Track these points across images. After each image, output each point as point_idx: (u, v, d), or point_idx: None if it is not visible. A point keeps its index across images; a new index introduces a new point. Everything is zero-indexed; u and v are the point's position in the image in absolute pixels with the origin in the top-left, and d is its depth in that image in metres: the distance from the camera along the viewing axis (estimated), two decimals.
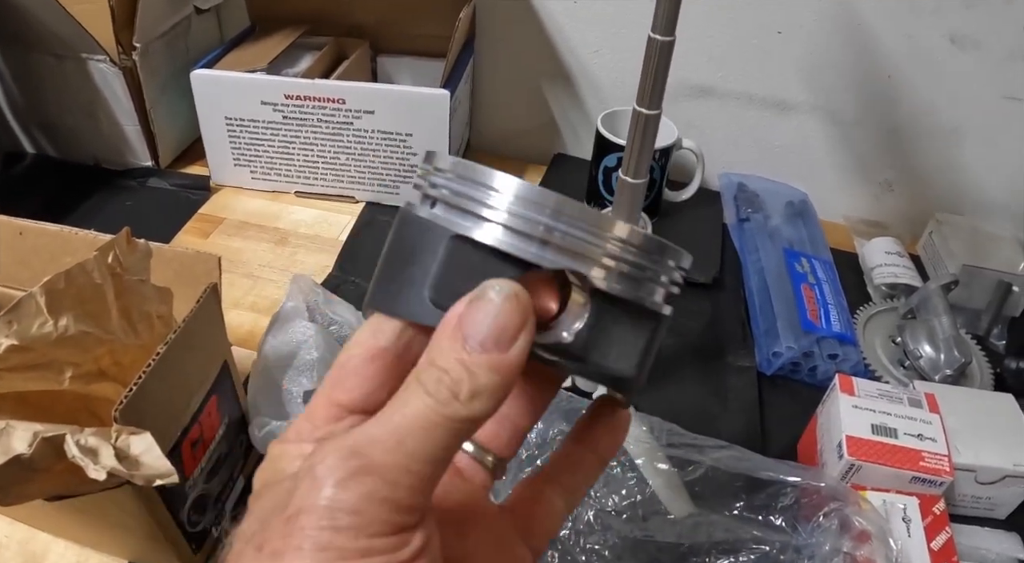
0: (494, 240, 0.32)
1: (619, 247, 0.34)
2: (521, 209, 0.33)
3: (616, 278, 0.34)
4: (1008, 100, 1.22)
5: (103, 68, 1.22)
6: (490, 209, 0.33)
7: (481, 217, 0.33)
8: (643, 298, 0.35)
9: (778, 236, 1.23)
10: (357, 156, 1.25)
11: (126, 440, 0.56)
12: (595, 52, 1.35)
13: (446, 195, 0.34)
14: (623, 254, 0.34)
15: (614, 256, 0.34)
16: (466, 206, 0.33)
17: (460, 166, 0.34)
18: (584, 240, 0.33)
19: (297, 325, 0.83)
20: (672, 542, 0.74)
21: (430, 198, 0.35)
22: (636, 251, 0.34)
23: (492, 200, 0.33)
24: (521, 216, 0.32)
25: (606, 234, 0.33)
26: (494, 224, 0.33)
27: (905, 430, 0.84)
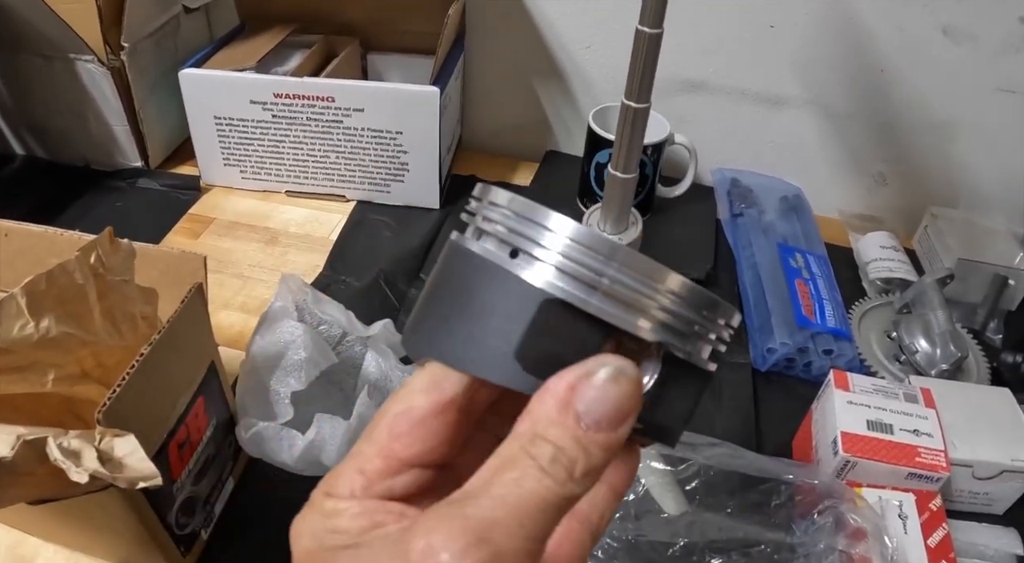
0: (597, 310, 0.32)
1: (699, 318, 0.34)
2: (627, 278, 0.32)
3: (685, 342, 0.34)
4: (1002, 92, 1.22)
5: (91, 68, 1.21)
6: (594, 274, 0.32)
7: (583, 282, 0.32)
8: (702, 360, 0.35)
9: (772, 231, 1.22)
10: (347, 154, 1.25)
11: (110, 442, 0.56)
12: (586, 48, 1.34)
13: (525, 243, 0.33)
14: (692, 318, 0.33)
15: (686, 320, 0.33)
16: (564, 267, 0.32)
17: (541, 215, 0.33)
18: (686, 319, 0.33)
19: (285, 325, 0.82)
20: (666, 541, 0.74)
21: (509, 246, 0.33)
22: (703, 315, 0.34)
23: (595, 262, 0.32)
24: (625, 285, 0.32)
25: (707, 314, 0.34)
26: (596, 291, 0.32)
27: (901, 426, 0.83)
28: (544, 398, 0.30)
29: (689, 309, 0.33)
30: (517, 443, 0.30)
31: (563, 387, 0.30)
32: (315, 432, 0.75)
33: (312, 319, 0.90)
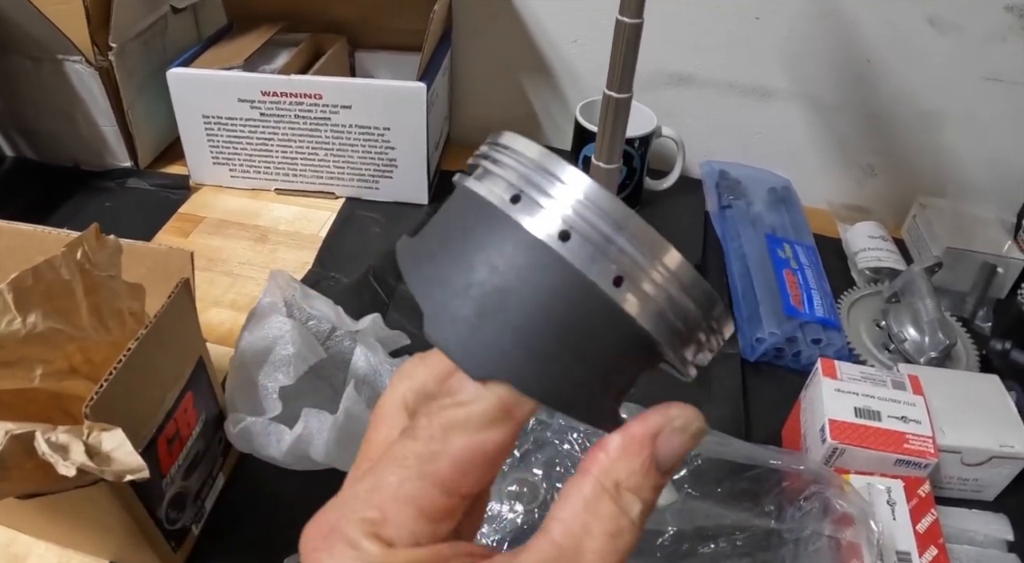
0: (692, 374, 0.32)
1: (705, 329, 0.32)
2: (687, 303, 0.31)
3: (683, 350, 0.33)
4: (988, 81, 1.22)
5: (79, 69, 1.21)
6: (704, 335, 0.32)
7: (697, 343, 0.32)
8: (686, 373, 0.34)
9: (760, 222, 1.23)
10: (335, 151, 1.25)
11: (97, 437, 0.56)
12: (573, 42, 1.35)
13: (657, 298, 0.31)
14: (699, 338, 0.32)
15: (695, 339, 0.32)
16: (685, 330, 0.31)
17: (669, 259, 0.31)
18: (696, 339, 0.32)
19: (273, 321, 0.82)
20: (654, 529, 0.74)
21: (638, 291, 0.30)
22: (711, 326, 0.33)
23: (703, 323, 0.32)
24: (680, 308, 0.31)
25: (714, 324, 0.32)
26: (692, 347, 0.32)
27: (889, 413, 0.84)
28: (628, 448, 0.30)
29: (701, 325, 0.32)
30: (601, 488, 0.29)
31: (647, 436, 0.30)
32: (303, 427, 0.75)
33: (301, 314, 0.90)
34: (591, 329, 0.30)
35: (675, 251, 0.30)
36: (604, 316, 0.30)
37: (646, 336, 0.30)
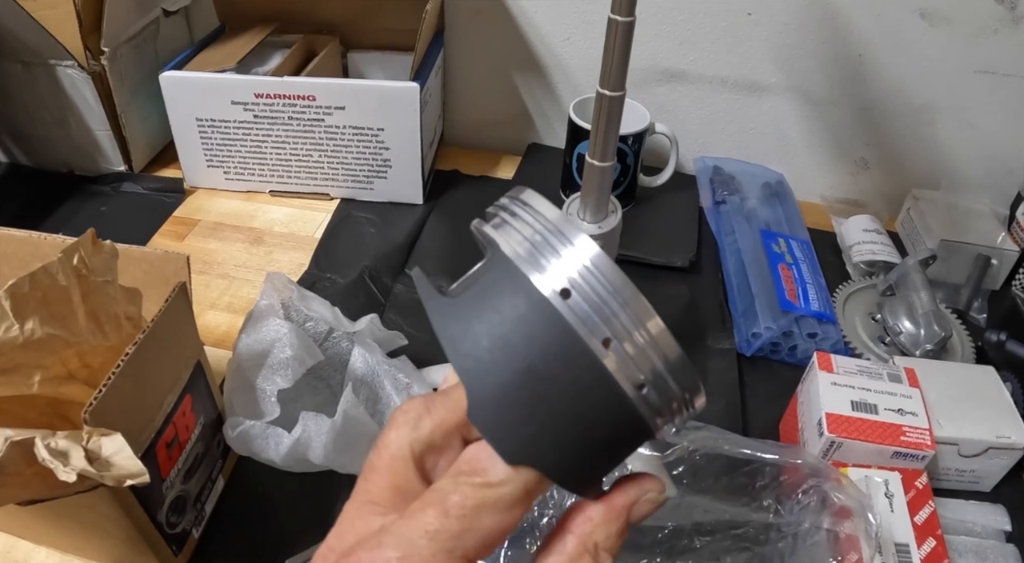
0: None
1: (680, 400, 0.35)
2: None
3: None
4: (980, 74, 1.22)
5: (72, 74, 1.21)
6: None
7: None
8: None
9: (755, 217, 1.23)
10: (329, 153, 1.25)
11: (97, 442, 0.56)
12: (565, 40, 1.35)
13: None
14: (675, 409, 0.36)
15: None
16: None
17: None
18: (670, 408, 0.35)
19: (271, 323, 0.82)
20: (652, 525, 0.74)
21: (622, 354, 0.33)
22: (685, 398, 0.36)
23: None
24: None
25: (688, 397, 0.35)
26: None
27: (885, 405, 0.84)
28: (611, 515, 0.35)
29: (677, 396, 0.35)
30: (583, 548, 0.35)
31: (625, 507, 0.36)
32: (300, 430, 0.75)
33: (298, 316, 0.90)
34: (580, 390, 0.33)
35: (660, 320, 0.33)
36: (592, 377, 0.33)
37: (631, 408, 0.34)
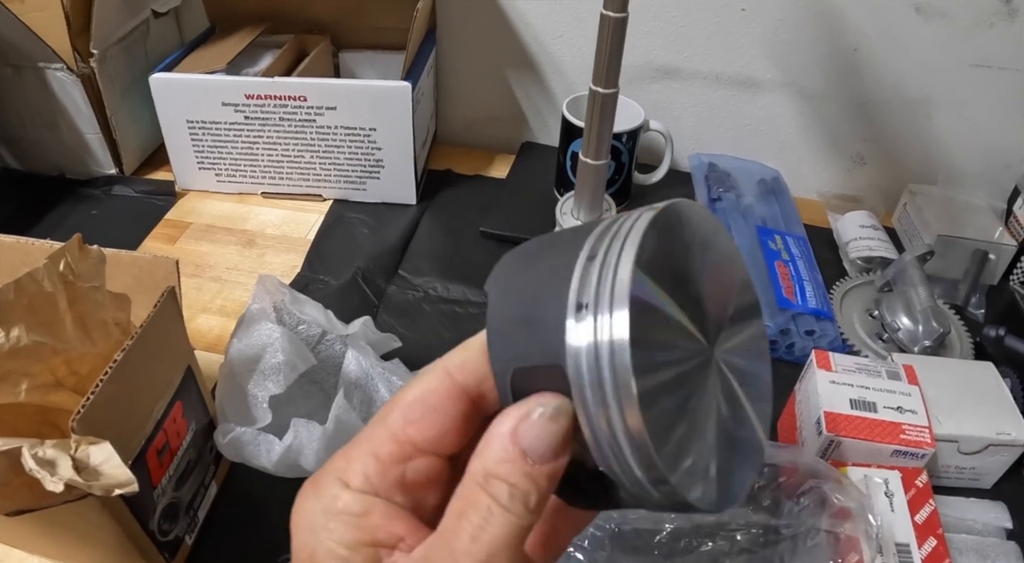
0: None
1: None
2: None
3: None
4: (976, 67, 1.22)
5: (61, 76, 1.21)
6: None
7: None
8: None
9: (751, 214, 1.22)
10: (321, 153, 1.24)
11: (85, 450, 0.55)
12: (559, 38, 1.34)
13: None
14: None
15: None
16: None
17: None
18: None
19: (262, 328, 0.82)
20: (650, 528, 0.73)
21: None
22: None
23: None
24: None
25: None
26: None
27: (884, 403, 0.83)
28: (491, 441, 0.32)
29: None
30: (473, 483, 0.32)
31: (507, 429, 0.32)
32: (292, 437, 0.74)
33: (291, 319, 0.89)
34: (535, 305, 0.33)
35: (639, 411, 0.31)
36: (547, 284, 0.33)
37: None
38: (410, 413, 0.34)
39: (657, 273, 0.31)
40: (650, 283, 0.31)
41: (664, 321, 0.31)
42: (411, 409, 0.34)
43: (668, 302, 0.32)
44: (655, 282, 0.31)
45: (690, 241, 0.34)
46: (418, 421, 0.34)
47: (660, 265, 0.31)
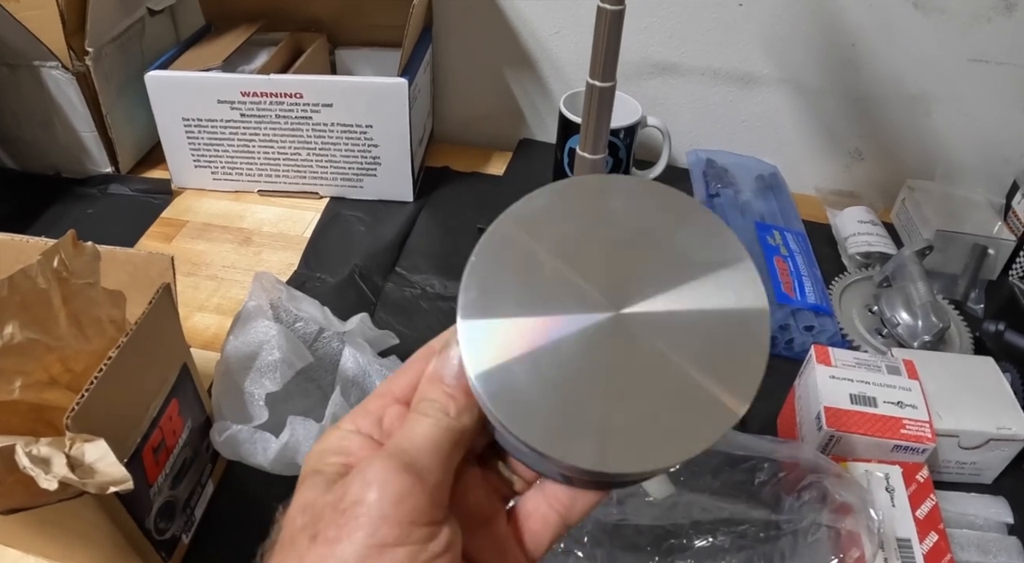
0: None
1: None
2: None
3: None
4: (974, 62, 1.21)
5: (56, 75, 1.20)
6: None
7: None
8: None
9: (749, 210, 1.22)
10: (318, 151, 1.24)
11: (80, 448, 0.55)
12: (555, 33, 1.34)
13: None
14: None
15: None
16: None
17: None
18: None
19: (259, 325, 0.81)
20: (649, 524, 0.73)
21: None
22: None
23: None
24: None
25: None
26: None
27: (885, 398, 0.83)
28: (424, 379, 0.40)
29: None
30: (413, 407, 0.40)
31: (432, 369, 0.40)
32: (288, 435, 0.74)
33: (288, 317, 0.89)
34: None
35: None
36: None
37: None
38: (395, 377, 0.43)
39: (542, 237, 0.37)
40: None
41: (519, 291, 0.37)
42: (397, 374, 0.43)
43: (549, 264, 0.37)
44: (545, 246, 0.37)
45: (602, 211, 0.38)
46: (397, 379, 0.43)
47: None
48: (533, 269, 0.37)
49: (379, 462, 0.36)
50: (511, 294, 0.37)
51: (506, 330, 0.36)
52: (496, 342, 0.36)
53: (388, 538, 0.34)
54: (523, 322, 0.36)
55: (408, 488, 0.35)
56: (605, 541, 0.72)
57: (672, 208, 0.39)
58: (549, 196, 0.38)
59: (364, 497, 0.35)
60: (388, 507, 0.35)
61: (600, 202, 0.39)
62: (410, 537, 0.35)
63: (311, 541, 0.35)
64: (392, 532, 0.34)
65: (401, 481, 0.35)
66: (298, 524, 0.37)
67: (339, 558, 0.34)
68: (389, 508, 0.35)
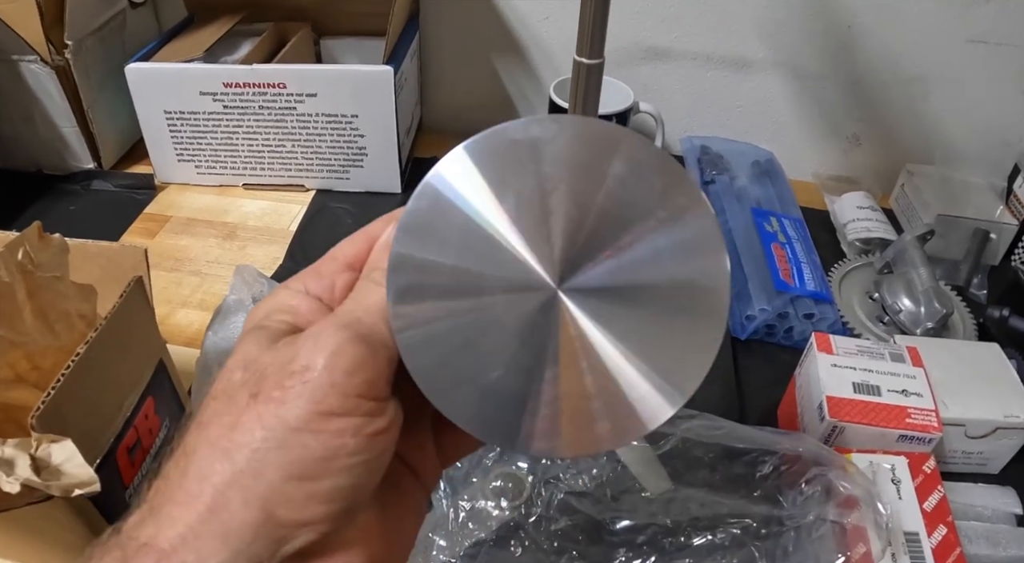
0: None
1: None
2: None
3: None
4: (973, 43, 1.19)
5: (35, 69, 1.18)
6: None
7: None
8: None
9: (745, 196, 1.20)
10: (303, 142, 1.21)
11: (46, 449, 0.53)
12: (544, 19, 1.32)
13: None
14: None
15: None
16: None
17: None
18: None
19: (238, 319, 0.79)
20: (645, 522, 0.71)
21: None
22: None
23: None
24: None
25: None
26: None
27: (889, 386, 0.80)
28: (378, 246, 0.41)
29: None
30: (363, 276, 0.40)
31: (387, 237, 0.40)
32: None
33: None
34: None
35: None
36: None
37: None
38: (350, 241, 0.42)
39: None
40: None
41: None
42: (352, 238, 0.42)
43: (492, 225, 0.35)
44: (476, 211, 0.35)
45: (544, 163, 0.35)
46: (351, 243, 0.42)
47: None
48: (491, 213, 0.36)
49: (333, 330, 0.36)
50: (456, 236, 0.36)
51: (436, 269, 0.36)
52: (422, 280, 0.36)
53: (335, 407, 0.34)
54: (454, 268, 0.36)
55: (360, 360, 0.35)
56: (599, 539, 0.70)
57: (614, 147, 0.36)
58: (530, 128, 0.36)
59: (314, 363, 0.35)
60: (339, 376, 0.34)
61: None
62: (357, 409, 0.35)
63: (252, 398, 0.35)
64: (339, 402, 0.34)
65: (355, 351, 0.35)
66: (237, 379, 0.36)
67: (281, 418, 0.34)
68: (340, 377, 0.34)
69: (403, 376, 0.37)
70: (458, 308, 0.35)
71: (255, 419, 0.34)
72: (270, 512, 0.33)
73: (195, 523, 0.33)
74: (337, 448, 0.34)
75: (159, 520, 0.34)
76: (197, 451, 0.35)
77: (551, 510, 0.71)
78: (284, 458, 0.34)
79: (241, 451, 0.34)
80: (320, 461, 0.34)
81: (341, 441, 0.34)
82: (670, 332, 0.35)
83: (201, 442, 0.35)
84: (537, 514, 0.71)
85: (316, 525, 0.34)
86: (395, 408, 0.37)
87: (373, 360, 0.35)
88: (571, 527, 0.70)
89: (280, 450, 0.34)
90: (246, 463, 0.34)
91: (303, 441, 0.34)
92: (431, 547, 0.69)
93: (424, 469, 0.43)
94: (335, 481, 0.34)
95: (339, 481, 0.34)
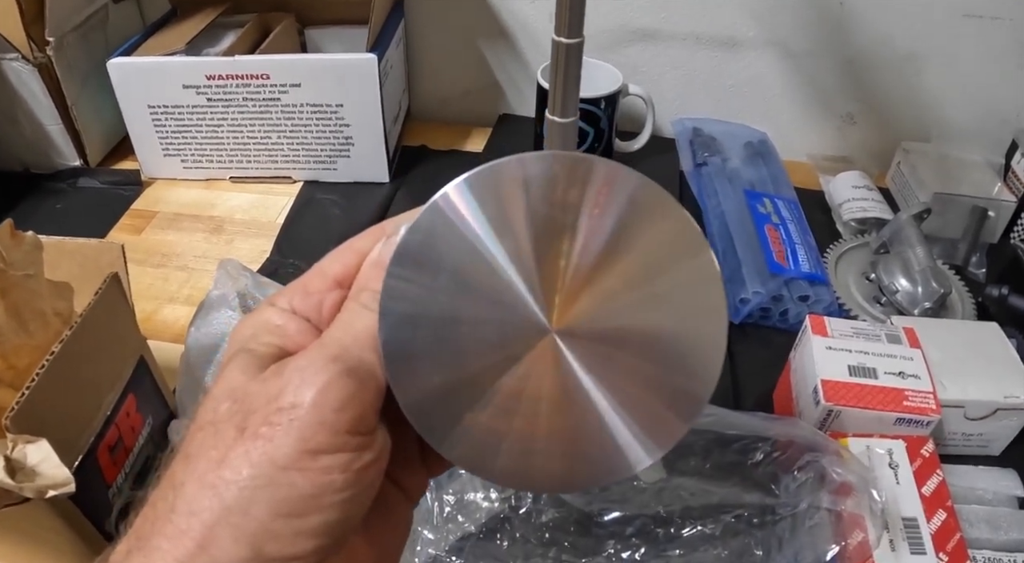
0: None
1: None
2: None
3: None
4: (967, 18, 1.18)
5: (17, 67, 1.16)
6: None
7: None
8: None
9: (737, 178, 1.18)
10: (288, 133, 1.20)
11: (22, 450, 0.53)
12: (530, 3, 1.30)
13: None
14: None
15: None
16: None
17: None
18: None
19: (221, 315, 0.78)
20: (635, 513, 0.70)
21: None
22: None
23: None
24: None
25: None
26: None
27: (885, 369, 0.79)
28: (367, 264, 0.39)
29: None
30: (350, 298, 0.39)
31: (373, 255, 0.39)
32: None
33: (256, 305, 0.85)
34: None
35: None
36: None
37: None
38: (337, 255, 0.40)
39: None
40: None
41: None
42: (339, 253, 0.40)
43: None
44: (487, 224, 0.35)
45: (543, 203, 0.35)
46: (339, 258, 0.40)
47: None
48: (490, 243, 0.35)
49: (322, 363, 0.35)
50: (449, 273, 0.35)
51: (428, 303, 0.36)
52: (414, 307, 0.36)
53: (323, 444, 0.34)
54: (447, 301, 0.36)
55: (349, 395, 0.35)
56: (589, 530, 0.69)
57: (620, 189, 0.35)
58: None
59: (302, 399, 0.34)
60: (328, 413, 0.34)
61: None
62: (346, 445, 0.34)
63: (239, 432, 0.34)
64: (328, 439, 0.34)
65: (344, 387, 0.34)
66: (223, 410, 0.36)
67: (268, 456, 0.33)
68: (329, 414, 0.34)
69: (389, 395, 0.36)
70: (450, 344, 0.35)
71: (243, 456, 0.34)
72: (258, 549, 0.33)
73: (184, 558, 0.33)
74: (325, 485, 0.34)
75: (148, 553, 0.34)
76: (185, 485, 0.34)
77: (540, 502, 0.70)
78: (272, 496, 0.33)
79: (229, 488, 0.33)
80: (308, 499, 0.34)
81: (329, 478, 0.34)
82: (658, 387, 0.36)
83: (189, 476, 0.35)
84: (526, 506, 0.70)
85: (304, 559, 0.34)
86: (383, 437, 0.37)
87: (362, 394, 0.35)
88: (560, 519, 0.69)
89: (268, 488, 0.33)
90: (234, 501, 0.33)
91: (291, 479, 0.33)
92: (417, 540, 0.68)
93: (411, 483, 0.43)
94: (323, 517, 0.34)
95: (327, 517, 0.34)
